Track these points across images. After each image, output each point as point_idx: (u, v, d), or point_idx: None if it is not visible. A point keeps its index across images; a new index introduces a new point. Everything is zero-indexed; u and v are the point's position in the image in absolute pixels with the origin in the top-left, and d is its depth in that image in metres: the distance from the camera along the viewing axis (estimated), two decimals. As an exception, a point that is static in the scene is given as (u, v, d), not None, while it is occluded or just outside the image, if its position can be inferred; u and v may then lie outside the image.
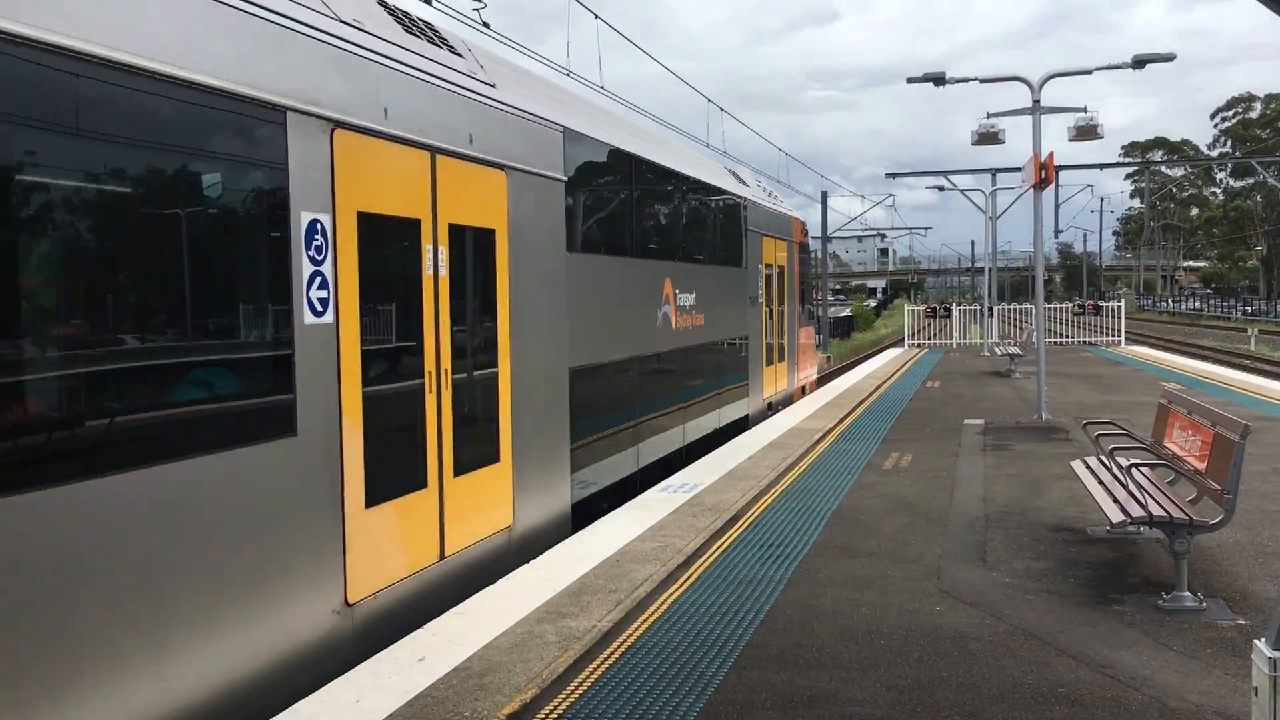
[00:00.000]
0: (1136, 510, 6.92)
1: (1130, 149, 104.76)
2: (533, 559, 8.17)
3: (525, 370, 8.72)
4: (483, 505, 7.96)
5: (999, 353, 30.11)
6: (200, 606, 5.02)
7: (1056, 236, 65.07)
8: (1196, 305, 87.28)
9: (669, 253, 13.15)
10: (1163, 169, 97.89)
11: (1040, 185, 15.91)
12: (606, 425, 10.81)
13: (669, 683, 5.52)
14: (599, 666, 5.75)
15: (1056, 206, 54.10)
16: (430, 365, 7.24)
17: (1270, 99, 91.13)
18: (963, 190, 36.82)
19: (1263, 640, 4.29)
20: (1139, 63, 17.15)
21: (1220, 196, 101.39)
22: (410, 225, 7.04)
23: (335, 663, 6.00)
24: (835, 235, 59.68)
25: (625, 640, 6.17)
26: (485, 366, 8.10)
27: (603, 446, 10.65)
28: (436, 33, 8.17)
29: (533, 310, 8.90)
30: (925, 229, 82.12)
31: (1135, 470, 7.33)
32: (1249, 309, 74.22)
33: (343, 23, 6.43)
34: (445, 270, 7.46)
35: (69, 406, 4.44)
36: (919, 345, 37.29)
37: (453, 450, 7.47)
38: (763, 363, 18.25)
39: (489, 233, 8.16)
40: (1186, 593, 6.70)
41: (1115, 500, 7.47)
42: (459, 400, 7.61)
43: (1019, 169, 24.43)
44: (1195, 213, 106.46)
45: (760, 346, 18.03)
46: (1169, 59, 17.26)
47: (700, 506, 9.83)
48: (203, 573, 5.04)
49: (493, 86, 8.44)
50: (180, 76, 4.94)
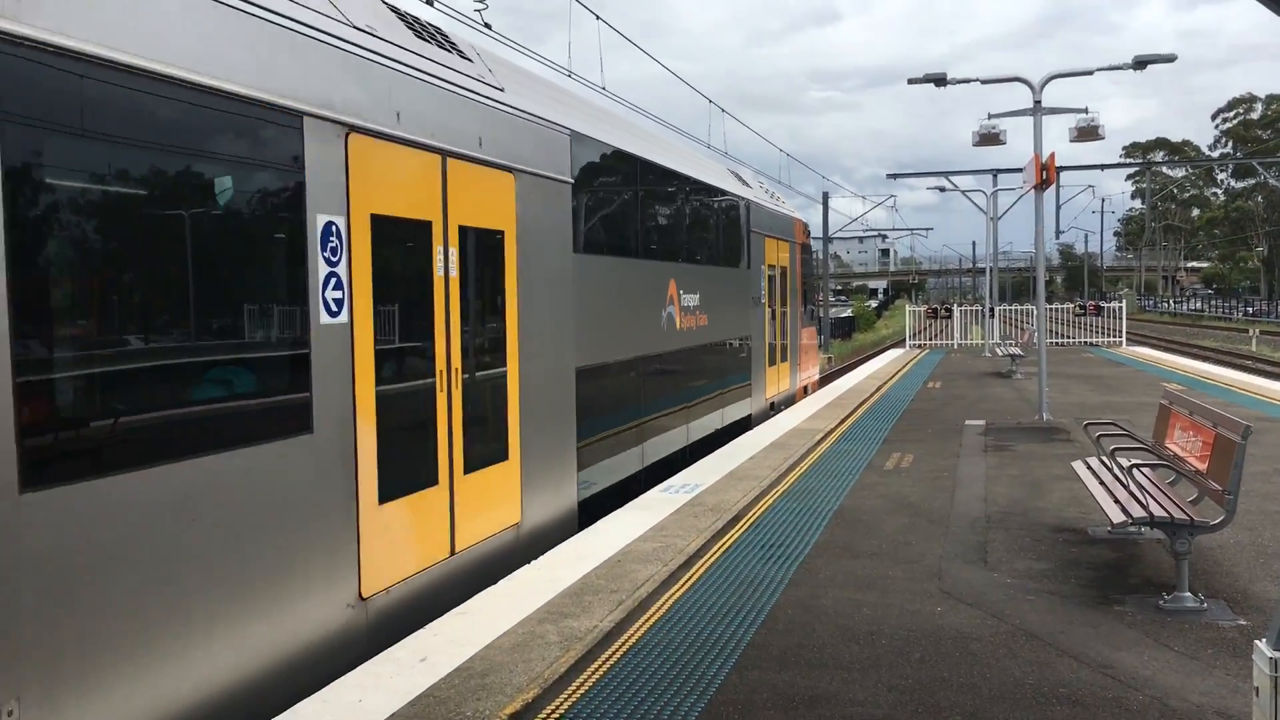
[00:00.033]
0: (1138, 511, 6.94)
1: (1131, 150, 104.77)
2: (541, 555, 8.21)
3: (533, 370, 8.78)
4: (492, 502, 8.02)
5: (1000, 353, 30.14)
6: (222, 599, 5.12)
7: (1058, 237, 65.00)
8: (1198, 306, 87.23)
9: (673, 254, 13.19)
10: (1164, 170, 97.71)
11: (1041, 186, 15.91)
12: (612, 424, 10.85)
13: (670, 683, 5.54)
14: (600, 666, 5.77)
15: (1058, 207, 54.18)
16: (441, 364, 7.32)
17: (1271, 100, 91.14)
18: (964, 191, 36.81)
19: (1263, 641, 4.31)
20: (1140, 63, 17.15)
21: (1221, 197, 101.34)
22: (421, 227, 7.11)
23: (350, 656, 6.09)
24: (836, 236, 59.73)
25: (627, 640, 6.19)
26: (494, 366, 8.18)
27: (608, 445, 10.70)
28: (446, 37, 8.23)
29: (540, 311, 8.96)
30: (926, 230, 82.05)
31: (1136, 471, 7.34)
32: (1250, 310, 74.21)
33: (356, 29, 6.50)
34: (455, 271, 7.53)
35: (114, 402, 4.57)
36: (920, 346, 37.30)
37: (463, 448, 7.54)
38: (765, 363, 18.27)
39: (498, 234, 8.22)
40: (1187, 593, 6.71)
41: (1116, 501, 7.48)
42: (469, 399, 7.68)
43: (1020, 170, 24.42)
44: (1196, 213, 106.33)
45: (763, 347, 18.05)
46: (1170, 60, 17.27)
47: (702, 507, 9.85)
48: (225, 566, 5.14)
49: (501, 90, 8.50)
50: (207, 84, 5.05)
